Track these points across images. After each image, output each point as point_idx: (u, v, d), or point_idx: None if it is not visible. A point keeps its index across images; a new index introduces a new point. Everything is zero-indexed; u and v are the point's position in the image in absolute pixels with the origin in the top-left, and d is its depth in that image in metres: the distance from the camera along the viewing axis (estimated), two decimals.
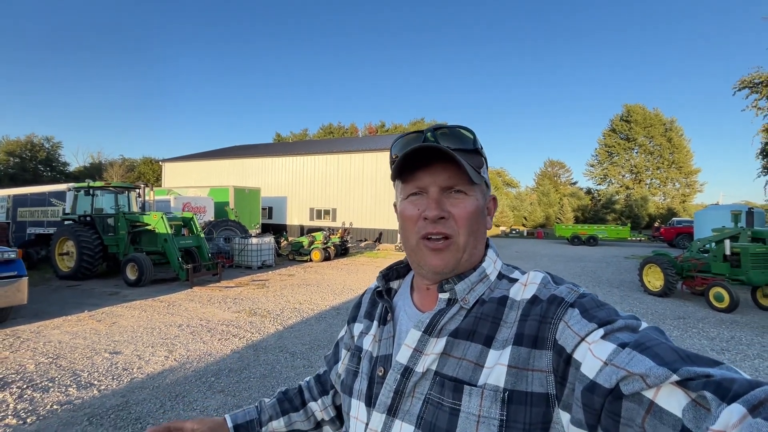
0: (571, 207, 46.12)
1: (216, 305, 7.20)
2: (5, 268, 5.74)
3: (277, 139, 58.64)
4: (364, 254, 16.93)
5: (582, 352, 0.49)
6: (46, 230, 13.01)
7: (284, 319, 6.29)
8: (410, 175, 0.63)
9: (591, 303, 0.54)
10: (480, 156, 0.66)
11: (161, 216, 9.63)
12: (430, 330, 0.61)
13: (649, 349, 0.44)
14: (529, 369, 0.52)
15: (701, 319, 6.58)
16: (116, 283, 9.25)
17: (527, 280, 0.62)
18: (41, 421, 3.06)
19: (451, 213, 0.61)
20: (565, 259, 16.53)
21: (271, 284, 9.46)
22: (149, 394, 3.54)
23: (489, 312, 0.60)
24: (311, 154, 24.32)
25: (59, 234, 10.02)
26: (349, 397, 0.70)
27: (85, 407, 3.28)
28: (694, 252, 8.78)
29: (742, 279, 7.34)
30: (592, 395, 0.45)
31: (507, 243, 25.69)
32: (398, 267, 0.77)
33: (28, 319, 6.13)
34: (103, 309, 6.79)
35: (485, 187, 0.67)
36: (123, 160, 49.71)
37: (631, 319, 0.51)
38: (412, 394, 0.59)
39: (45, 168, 42.66)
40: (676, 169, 49.93)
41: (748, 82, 15.97)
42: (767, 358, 4.80)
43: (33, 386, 3.66)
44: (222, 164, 27.36)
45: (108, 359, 4.39)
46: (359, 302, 0.83)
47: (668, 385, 0.40)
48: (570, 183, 58.34)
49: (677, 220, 26.43)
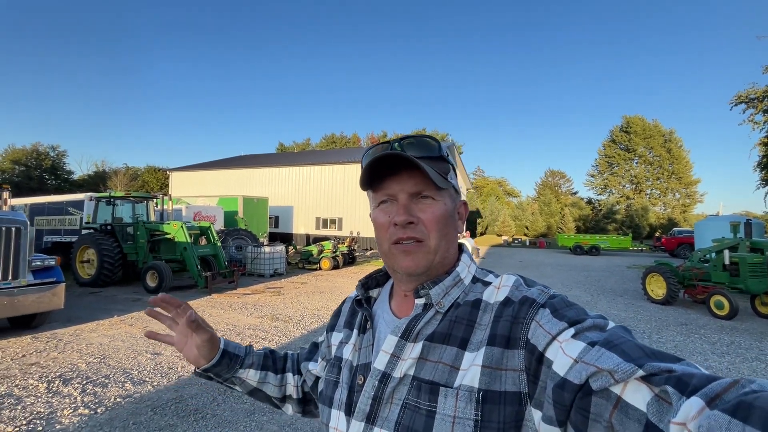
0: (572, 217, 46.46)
1: (237, 311, 7.52)
2: (46, 274, 6.08)
3: (281, 148, 59.35)
4: (370, 263, 17.26)
5: (554, 351, 0.50)
6: (63, 238, 13.37)
7: (306, 324, 6.61)
8: (379, 183, 0.66)
9: (561, 303, 0.56)
10: (446, 163, 0.68)
11: (181, 225, 10.00)
12: (407, 335, 0.62)
13: (616, 346, 0.45)
14: (503, 368, 0.54)
15: (703, 326, 6.90)
16: (135, 290, 9.57)
17: (500, 283, 0.63)
18: (110, 411, 3.39)
19: (419, 218, 0.63)
20: (568, 268, 16.85)
21: (286, 291, 9.78)
22: (199, 389, 3.86)
23: (463, 315, 0.61)
24: (317, 164, 24.83)
25: (80, 242, 10.37)
26: (329, 408, 0.69)
27: (145, 400, 3.61)
28: (695, 261, 9.14)
29: (741, 287, 7.67)
30: (562, 392, 0.46)
31: (510, 253, 26.00)
32: (377, 276, 0.78)
33: (62, 323, 6.44)
34: (131, 314, 7.11)
35: (454, 192, 0.69)
36: (126, 168, 50.21)
37: (599, 318, 0.52)
38: (390, 399, 0.60)
39: (50, 176, 43.06)
40: (676, 180, 50.57)
41: (744, 97, 16.49)
42: (764, 360, 5.13)
43: (92, 382, 3.99)
44: (229, 174, 27.86)
45: (151, 359, 4.71)
46: (339, 311, 0.83)
47: (634, 380, 0.42)
48: (571, 193, 58.81)
49: (678, 231, 26.83)
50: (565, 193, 58.18)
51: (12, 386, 3.87)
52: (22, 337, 5.54)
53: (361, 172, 0.65)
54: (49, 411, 3.37)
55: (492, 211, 45.04)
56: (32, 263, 5.97)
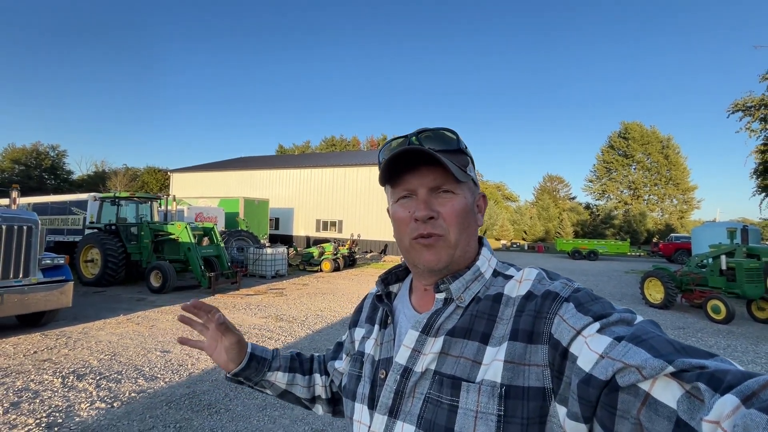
0: (570, 222, 46.74)
1: (242, 311, 7.61)
2: (55, 273, 6.17)
3: (280, 150, 59.52)
4: (371, 265, 17.37)
5: (578, 346, 0.49)
6: (66, 238, 13.44)
7: (311, 324, 6.71)
8: (398, 178, 0.66)
9: (586, 297, 0.54)
10: (464, 155, 0.67)
11: (185, 226, 10.09)
12: (428, 330, 0.62)
13: (644, 341, 0.44)
14: (526, 364, 0.53)
15: (700, 330, 7.04)
16: (139, 290, 9.64)
17: (522, 277, 0.63)
18: (126, 405, 3.49)
19: (439, 212, 0.63)
20: (567, 272, 16.98)
21: (289, 292, 9.88)
22: (211, 385, 3.96)
23: (485, 309, 0.61)
24: (318, 167, 24.96)
25: (84, 242, 10.46)
26: (353, 401, 0.70)
27: (159, 395, 3.70)
28: (693, 267, 9.31)
29: (737, 292, 7.81)
30: (588, 388, 0.45)
31: (509, 257, 26.16)
32: (397, 271, 0.78)
33: (69, 321, 6.52)
34: (137, 313, 7.19)
35: (473, 184, 0.68)
36: (126, 169, 50.23)
37: (627, 312, 0.51)
38: (412, 394, 0.60)
39: (49, 176, 43.06)
40: (674, 186, 50.96)
41: (741, 106, 16.73)
42: (760, 363, 5.26)
43: (105, 378, 4.09)
44: (229, 175, 27.95)
45: (161, 357, 4.81)
46: (360, 307, 0.84)
47: (663, 377, 0.40)
48: (569, 198, 59.16)
49: (675, 236, 27.05)
50: (563, 198, 58.50)
51: (28, 381, 3.96)
52: (31, 335, 5.63)
53: (381, 168, 0.65)
54: (67, 405, 3.47)
55: (490, 215, 45.23)
56: (42, 262, 6.06)
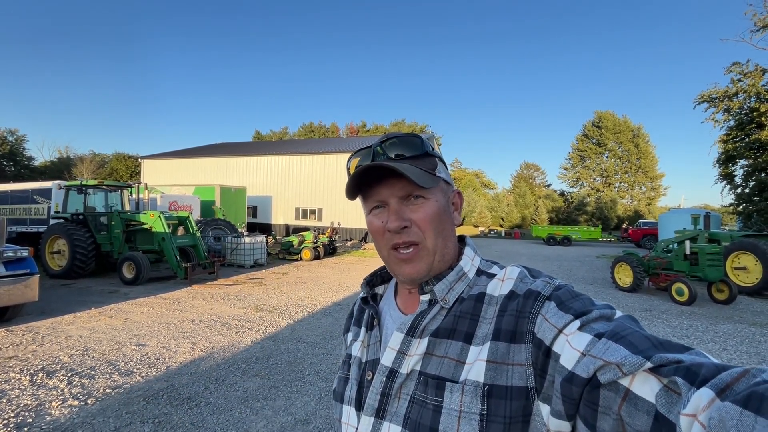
0: (545, 208, 47.94)
1: (220, 302, 7.48)
2: (19, 266, 5.87)
3: (257, 137, 58.03)
4: (351, 253, 17.35)
5: (560, 344, 0.50)
6: (29, 228, 12.77)
7: (291, 314, 6.67)
8: (369, 189, 0.65)
9: (567, 295, 0.55)
10: (432, 158, 0.66)
11: (159, 215, 9.76)
12: (413, 331, 0.63)
13: (623, 338, 0.45)
14: (509, 363, 0.53)
15: (665, 311, 7.42)
16: (111, 282, 9.32)
17: (504, 276, 0.63)
18: (101, 402, 3.38)
19: (412, 220, 0.62)
20: (542, 258, 17.50)
21: (268, 282, 9.77)
22: (189, 379, 3.90)
23: (468, 309, 0.61)
24: (296, 154, 24.52)
25: (50, 232, 9.96)
26: (341, 404, 0.70)
27: (136, 390, 3.61)
28: (659, 252, 9.75)
29: (699, 276, 8.28)
30: (570, 386, 0.46)
31: (487, 243, 26.70)
32: (382, 272, 0.78)
33: (36, 316, 6.25)
34: (109, 306, 6.96)
35: (445, 184, 0.68)
36: (93, 155, 47.93)
37: (606, 308, 0.52)
38: (398, 395, 0.60)
39: (8, 162, 40.64)
40: (643, 174, 53.05)
41: (706, 97, 17.42)
42: (719, 342, 5.61)
43: (77, 374, 3.95)
44: (204, 162, 27.12)
45: (137, 351, 4.68)
46: (351, 312, 0.84)
47: (642, 372, 0.41)
48: (545, 185, 60.56)
49: (643, 222, 28.22)
50: (539, 185, 59.83)
51: None
52: None
53: (347, 183, 0.64)
54: (37, 403, 3.34)
55: (469, 202, 45.84)
56: (4, 254, 5.75)
